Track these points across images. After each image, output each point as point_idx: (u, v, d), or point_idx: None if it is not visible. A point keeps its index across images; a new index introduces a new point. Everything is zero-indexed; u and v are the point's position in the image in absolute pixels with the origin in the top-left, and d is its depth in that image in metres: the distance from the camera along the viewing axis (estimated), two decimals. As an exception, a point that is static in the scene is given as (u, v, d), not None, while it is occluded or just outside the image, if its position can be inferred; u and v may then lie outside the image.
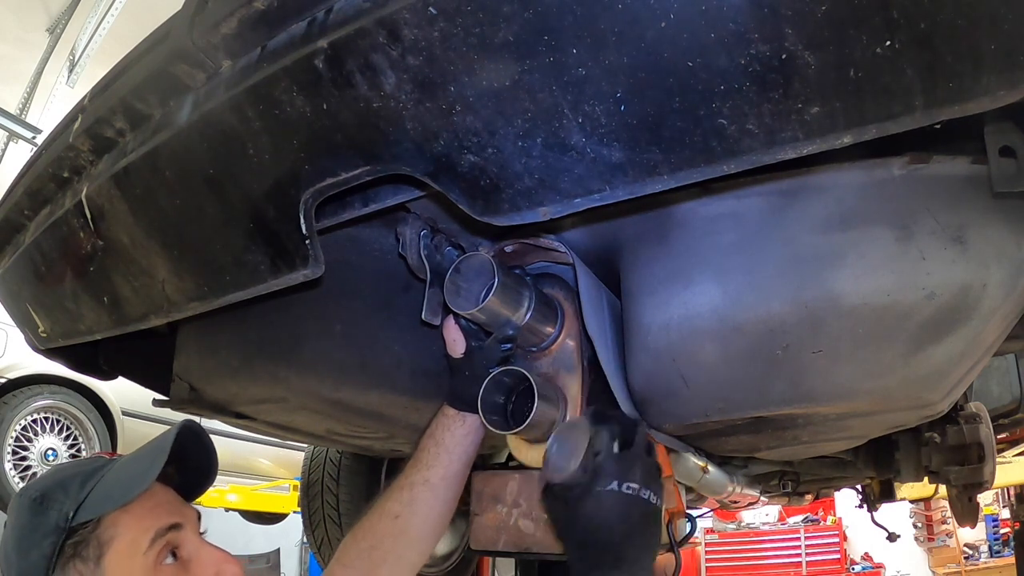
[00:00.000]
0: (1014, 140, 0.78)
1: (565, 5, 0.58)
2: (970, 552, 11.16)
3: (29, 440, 4.77)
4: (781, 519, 12.07)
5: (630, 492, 0.87)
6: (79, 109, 1.05)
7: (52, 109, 6.56)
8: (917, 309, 0.87)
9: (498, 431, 0.94)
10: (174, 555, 0.94)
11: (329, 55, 0.68)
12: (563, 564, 1.08)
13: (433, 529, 1.06)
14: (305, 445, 3.17)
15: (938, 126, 0.62)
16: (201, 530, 1.02)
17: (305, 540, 7.46)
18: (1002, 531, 10.55)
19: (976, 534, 10.76)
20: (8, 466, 4.55)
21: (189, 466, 1.07)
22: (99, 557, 0.89)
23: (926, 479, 2.47)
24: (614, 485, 0.86)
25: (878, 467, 2.33)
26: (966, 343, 0.92)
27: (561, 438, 0.91)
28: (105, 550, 0.90)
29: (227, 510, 6.96)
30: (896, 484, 3.29)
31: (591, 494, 0.87)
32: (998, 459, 2.43)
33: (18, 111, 6.58)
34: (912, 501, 4.96)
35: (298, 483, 3.53)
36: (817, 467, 2.29)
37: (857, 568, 11.48)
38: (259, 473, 7.04)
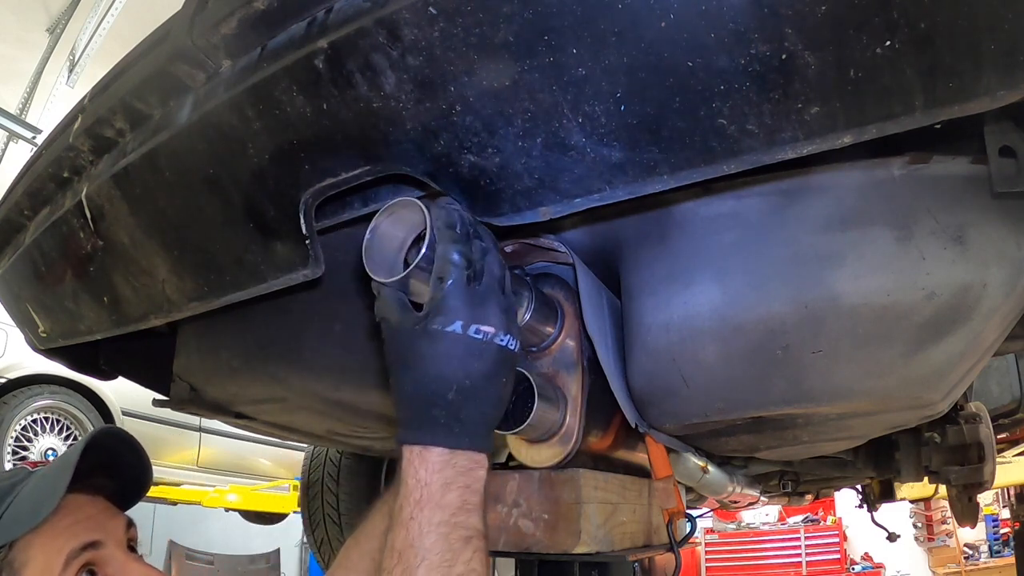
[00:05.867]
0: (1014, 140, 0.78)
1: (565, 5, 0.58)
2: (970, 552, 11.16)
3: (29, 440, 4.78)
4: (781, 519, 12.08)
5: (479, 337, 0.71)
6: (79, 109, 1.05)
7: (52, 109, 6.57)
8: (917, 309, 0.87)
9: (498, 431, 0.94)
10: (95, 574, 0.90)
11: (329, 55, 0.68)
12: (563, 564, 1.08)
13: None
14: (305, 445, 3.18)
15: (938, 126, 0.62)
16: (136, 539, 0.98)
17: (305, 540, 7.47)
18: (1002, 531, 10.55)
19: (976, 534, 10.77)
20: (8, 466, 4.56)
21: (123, 473, 1.02)
22: None
23: (926, 479, 2.47)
24: (457, 326, 0.70)
25: (878, 467, 2.33)
26: (966, 343, 0.92)
27: (391, 220, 0.74)
28: None
29: (227, 510, 6.97)
30: (896, 484, 3.29)
31: (427, 333, 0.71)
32: (998, 459, 2.43)
33: (18, 111, 6.58)
34: (912, 501, 4.96)
35: (298, 483, 3.53)
36: (817, 467, 2.29)
37: (857, 568, 11.48)
38: (259, 473, 7.05)
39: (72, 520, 0.90)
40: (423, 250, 0.71)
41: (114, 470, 1.01)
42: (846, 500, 8.53)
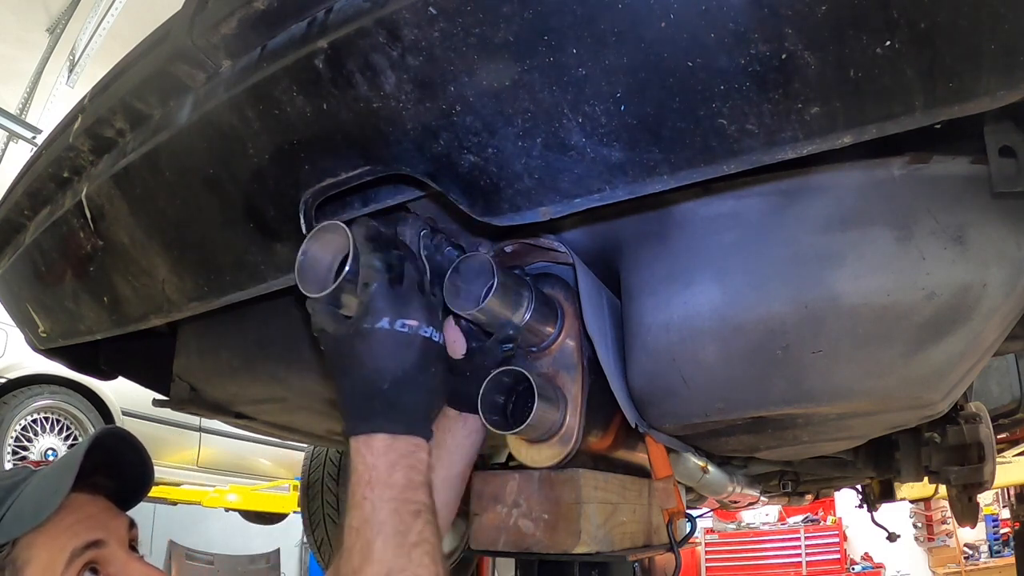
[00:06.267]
0: (1014, 140, 0.78)
1: (565, 5, 0.58)
2: (970, 552, 11.16)
3: (29, 440, 4.77)
4: (781, 519, 12.08)
5: (405, 330, 0.80)
6: (79, 109, 1.05)
7: (52, 109, 6.56)
8: (917, 309, 0.87)
9: (498, 431, 0.94)
10: (97, 573, 0.90)
11: (329, 55, 0.68)
12: (563, 564, 1.08)
13: None
14: (305, 445, 3.18)
15: (938, 126, 0.62)
16: (136, 539, 0.98)
17: (305, 540, 7.47)
18: (1002, 531, 10.55)
19: (976, 534, 10.77)
20: (8, 466, 4.55)
21: (124, 473, 1.02)
22: None
23: (926, 479, 2.47)
24: (384, 323, 0.79)
25: (878, 467, 2.34)
26: (966, 343, 0.92)
27: (319, 244, 0.82)
28: (21, 574, 0.86)
29: (227, 510, 6.97)
30: (896, 484, 3.29)
31: (359, 332, 0.79)
32: (998, 459, 2.44)
33: (18, 111, 6.58)
34: (912, 501, 4.97)
35: (298, 483, 3.53)
36: (817, 467, 2.29)
37: (857, 568, 11.48)
38: (259, 473, 7.05)
39: (75, 519, 0.90)
40: (348, 264, 0.79)
41: (115, 470, 1.01)
42: (846, 500, 8.53)
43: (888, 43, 0.56)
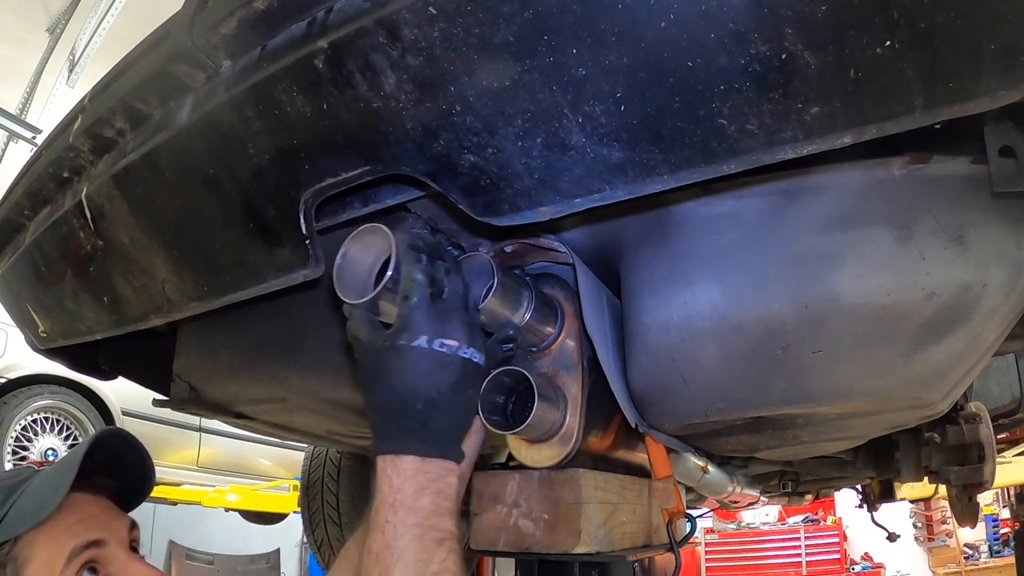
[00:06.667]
0: (1014, 140, 0.78)
1: (565, 5, 0.58)
2: (970, 552, 11.17)
3: (29, 440, 4.78)
4: (781, 519, 12.09)
5: (444, 350, 0.76)
6: (79, 109, 1.05)
7: (52, 109, 6.57)
8: (917, 309, 0.87)
9: (498, 431, 0.94)
10: (96, 572, 0.91)
11: (329, 55, 0.68)
12: (563, 564, 1.08)
13: None
14: (305, 445, 3.18)
15: (938, 126, 0.62)
16: (138, 540, 0.99)
17: (305, 540, 7.47)
18: (1002, 531, 10.56)
19: (976, 534, 10.78)
20: (9, 466, 4.56)
21: (125, 474, 1.03)
22: None
23: (926, 479, 2.47)
24: (422, 341, 0.75)
25: (878, 467, 2.34)
26: (966, 343, 0.92)
27: (359, 246, 0.78)
28: (22, 572, 0.86)
29: (227, 510, 6.97)
30: (896, 484, 3.29)
31: (395, 348, 0.75)
32: (998, 459, 2.44)
33: (18, 111, 6.59)
34: (912, 501, 4.97)
35: (298, 483, 3.53)
36: (817, 467, 2.29)
37: (857, 568, 11.49)
38: (259, 473, 7.06)
39: (75, 519, 0.91)
40: (389, 272, 0.75)
41: (116, 470, 1.02)
42: (846, 500, 8.53)
43: (888, 43, 0.56)
